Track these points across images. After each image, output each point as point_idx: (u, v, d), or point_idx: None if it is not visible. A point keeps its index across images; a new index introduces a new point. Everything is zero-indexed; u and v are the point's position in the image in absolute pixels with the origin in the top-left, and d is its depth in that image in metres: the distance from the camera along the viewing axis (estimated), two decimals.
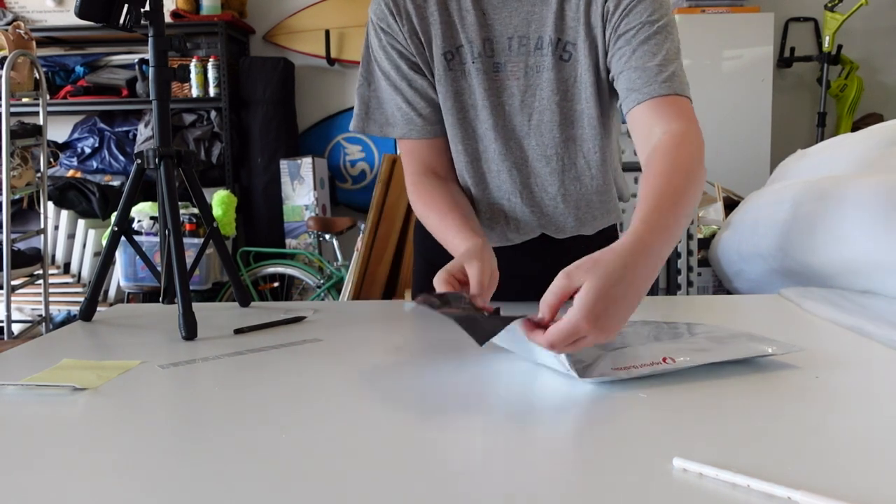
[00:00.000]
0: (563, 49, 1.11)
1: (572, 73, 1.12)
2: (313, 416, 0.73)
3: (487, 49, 1.12)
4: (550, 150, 1.16)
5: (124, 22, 1.14)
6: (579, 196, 1.20)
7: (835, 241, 1.35)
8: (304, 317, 1.17)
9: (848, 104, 3.96)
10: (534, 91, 1.13)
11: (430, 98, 1.17)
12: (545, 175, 1.18)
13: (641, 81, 1.03)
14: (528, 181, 1.19)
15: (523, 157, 1.17)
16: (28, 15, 4.00)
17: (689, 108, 1.05)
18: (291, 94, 4.14)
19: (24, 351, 1.02)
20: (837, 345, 0.98)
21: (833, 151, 1.72)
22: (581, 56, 1.10)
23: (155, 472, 0.60)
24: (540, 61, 1.12)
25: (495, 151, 1.16)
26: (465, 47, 1.13)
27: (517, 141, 1.16)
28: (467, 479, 0.58)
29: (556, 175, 1.17)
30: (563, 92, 1.12)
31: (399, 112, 1.18)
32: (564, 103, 1.13)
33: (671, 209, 0.89)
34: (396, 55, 1.15)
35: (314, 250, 3.82)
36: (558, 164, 1.17)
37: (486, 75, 1.13)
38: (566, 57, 1.11)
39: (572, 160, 1.17)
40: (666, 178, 0.92)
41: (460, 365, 0.89)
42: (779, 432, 0.66)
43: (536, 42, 1.11)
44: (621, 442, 0.64)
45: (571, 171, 1.18)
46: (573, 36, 1.10)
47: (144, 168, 1.17)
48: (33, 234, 3.24)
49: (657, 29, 1.05)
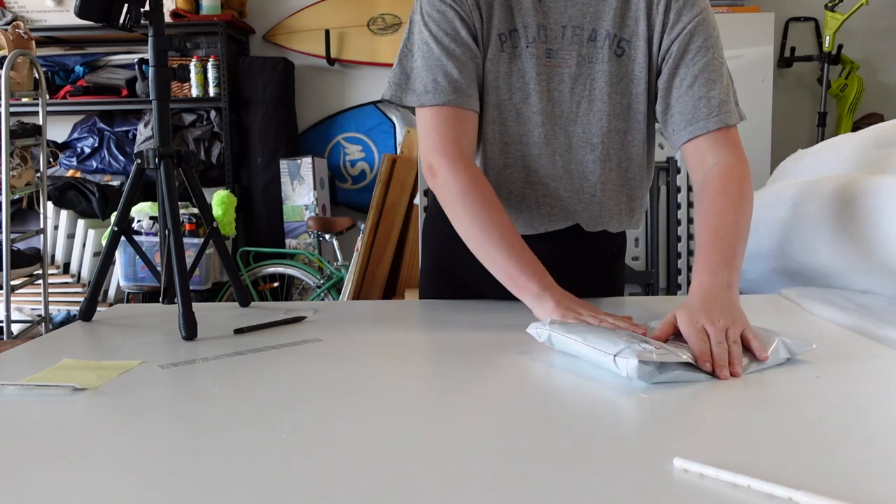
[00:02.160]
0: (618, 44, 1.15)
1: (626, 68, 1.16)
2: (313, 416, 0.73)
3: (542, 35, 1.15)
4: (596, 139, 1.18)
5: (124, 22, 1.14)
6: (620, 186, 1.22)
7: (835, 241, 1.35)
8: (304, 317, 1.17)
9: (848, 104, 3.96)
10: (584, 80, 1.16)
11: (478, 70, 1.17)
12: (588, 162, 1.19)
13: (701, 114, 1.13)
14: (570, 167, 1.19)
15: (567, 143, 1.18)
16: (28, 15, 4.00)
17: (736, 136, 1.17)
18: (291, 94, 4.13)
19: (24, 351, 1.02)
20: (837, 345, 0.98)
21: (833, 151, 1.72)
22: (636, 54, 1.15)
23: (155, 472, 0.60)
24: (594, 53, 1.15)
25: (540, 135, 1.17)
26: (520, 31, 1.15)
27: (563, 127, 1.18)
28: (466, 478, 0.58)
29: (598, 163, 1.19)
30: (615, 84, 1.16)
31: (446, 78, 1.13)
32: (615, 96, 1.16)
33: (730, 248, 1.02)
34: (459, 21, 1.14)
35: (314, 250, 3.82)
36: (603, 153, 1.18)
37: (539, 60, 1.15)
38: (620, 52, 1.15)
39: (616, 150, 1.19)
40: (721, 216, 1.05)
41: (460, 365, 0.89)
42: (779, 432, 0.66)
43: (591, 34, 1.15)
44: (621, 442, 0.64)
45: (614, 160, 1.20)
46: (630, 34, 1.15)
47: (144, 168, 1.17)
48: (33, 234, 3.24)
49: (714, 55, 1.15)
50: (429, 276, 1.40)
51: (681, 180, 1.92)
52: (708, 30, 1.15)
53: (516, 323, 1.06)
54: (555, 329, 0.91)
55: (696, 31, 1.14)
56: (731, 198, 1.07)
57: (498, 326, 1.08)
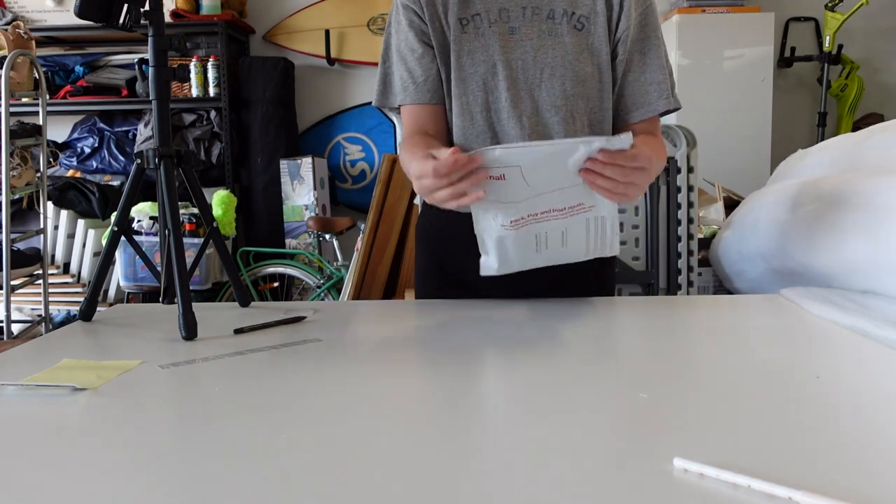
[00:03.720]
0: (577, 20, 1.24)
1: (587, 41, 1.24)
2: (313, 416, 0.73)
3: (503, 16, 1.24)
4: (560, 102, 1.24)
5: (124, 22, 1.14)
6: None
7: (835, 241, 1.35)
8: (304, 317, 1.17)
9: (848, 104, 3.96)
10: (547, 49, 1.24)
11: (429, 66, 1.27)
12: (554, 123, 1.25)
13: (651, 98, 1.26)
14: (537, 128, 1.25)
15: (534, 106, 1.25)
16: (28, 15, 4.00)
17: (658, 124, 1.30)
18: (291, 94, 4.13)
19: (24, 351, 1.02)
20: (837, 345, 0.97)
21: (833, 151, 1.72)
22: (596, 29, 1.24)
23: (155, 472, 0.60)
24: (553, 28, 1.24)
25: (506, 100, 1.24)
26: (482, 14, 1.24)
27: (528, 91, 1.24)
28: (465, 478, 0.58)
29: (563, 124, 1.25)
30: (578, 54, 1.24)
31: (400, 81, 1.29)
32: (578, 64, 1.24)
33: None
34: (407, 25, 1.27)
35: (314, 250, 3.82)
36: (567, 114, 1.25)
37: (502, 36, 1.24)
38: (580, 27, 1.24)
39: (581, 114, 1.26)
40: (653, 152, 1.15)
41: (460, 364, 0.89)
42: (779, 432, 0.66)
43: (549, 13, 1.24)
44: (621, 442, 0.64)
45: (579, 122, 1.26)
46: (588, 11, 1.24)
47: (144, 168, 1.17)
48: (33, 234, 3.24)
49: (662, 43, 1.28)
50: (424, 276, 1.42)
51: (681, 180, 1.92)
52: (657, 20, 1.28)
53: (517, 322, 1.06)
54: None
55: (648, 20, 1.26)
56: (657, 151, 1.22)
57: (498, 326, 1.09)
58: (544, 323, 1.10)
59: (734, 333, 1.06)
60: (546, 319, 1.08)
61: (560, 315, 1.15)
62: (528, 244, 1.10)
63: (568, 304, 1.27)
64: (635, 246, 1.94)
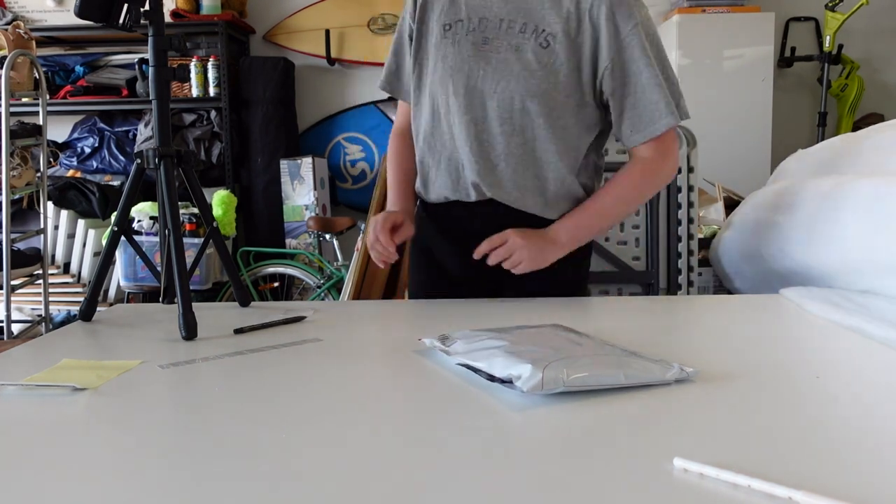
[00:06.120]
0: (544, 38, 1.27)
1: (549, 59, 1.27)
2: (313, 416, 0.73)
3: (482, 25, 1.31)
4: (507, 115, 1.30)
5: (124, 22, 1.14)
6: (525, 163, 1.32)
7: (835, 242, 1.35)
8: (304, 317, 1.17)
9: (849, 104, 3.96)
10: (509, 63, 1.28)
11: (408, 67, 1.42)
12: (496, 134, 1.31)
13: (651, 120, 1.28)
14: (481, 136, 1.32)
15: (483, 115, 1.31)
16: (28, 15, 4.00)
17: (670, 139, 1.32)
18: (291, 94, 4.13)
19: (24, 351, 1.02)
20: (837, 345, 0.97)
21: (833, 151, 1.72)
22: (559, 49, 1.26)
23: (155, 472, 0.60)
24: (521, 42, 1.28)
25: (462, 105, 1.32)
26: (464, 21, 1.32)
27: (481, 100, 1.31)
28: (466, 477, 0.58)
29: (504, 136, 1.31)
30: (536, 71, 1.27)
31: (386, 66, 1.49)
32: (533, 80, 1.27)
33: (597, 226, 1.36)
34: (403, 26, 1.42)
35: (314, 250, 3.82)
36: (510, 127, 1.30)
37: (475, 46, 1.31)
38: (545, 45, 1.27)
39: (528, 129, 1.30)
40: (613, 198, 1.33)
41: (461, 364, 0.89)
42: (779, 432, 0.66)
43: (521, 26, 1.28)
44: (621, 442, 0.64)
45: (521, 137, 1.31)
46: (555, 31, 1.26)
47: (144, 168, 1.17)
48: (33, 233, 3.24)
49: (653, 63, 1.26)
50: (417, 267, 1.52)
51: (681, 180, 1.92)
52: (645, 39, 1.25)
53: (517, 322, 1.06)
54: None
55: (634, 42, 1.25)
56: (627, 187, 1.33)
57: (498, 325, 1.08)
58: (546, 322, 1.10)
59: (734, 333, 1.06)
60: (547, 319, 1.08)
61: (560, 315, 1.15)
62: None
63: (568, 304, 1.27)
64: (635, 246, 1.94)
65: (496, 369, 0.80)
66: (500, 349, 0.84)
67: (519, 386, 0.75)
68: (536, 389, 0.74)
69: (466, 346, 0.89)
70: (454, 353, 0.89)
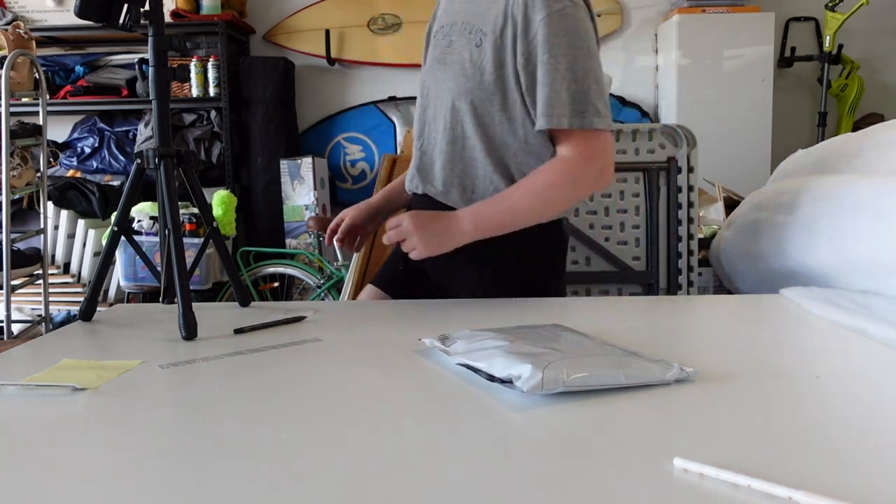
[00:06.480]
0: (477, 37, 1.31)
1: (479, 57, 1.30)
2: (313, 416, 0.73)
3: (452, 30, 1.38)
4: (442, 112, 1.36)
5: (124, 22, 1.14)
6: (454, 160, 1.36)
7: (835, 242, 1.35)
8: (304, 317, 1.17)
9: (849, 104, 3.96)
10: (453, 65, 1.34)
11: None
12: (438, 131, 1.38)
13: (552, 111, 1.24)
14: (431, 135, 1.40)
15: (434, 114, 1.40)
16: (28, 15, 4.00)
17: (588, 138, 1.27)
18: (291, 94, 4.13)
19: (24, 351, 1.02)
20: (837, 345, 0.97)
21: (834, 151, 1.72)
22: (487, 46, 1.29)
23: (155, 472, 0.60)
24: (465, 44, 1.33)
25: (422, 106, 1.42)
26: (446, 27, 1.40)
27: (433, 101, 1.40)
28: (467, 477, 0.58)
29: (440, 133, 1.37)
30: (467, 70, 1.32)
31: None
32: (462, 79, 1.32)
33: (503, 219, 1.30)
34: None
35: (314, 250, 3.82)
36: (444, 124, 1.36)
37: (441, 49, 1.39)
38: (478, 43, 1.31)
39: (458, 126, 1.35)
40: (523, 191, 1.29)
41: (461, 364, 0.89)
42: (779, 432, 0.66)
43: (470, 28, 1.34)
44: (621, 442, 0.64)
45: (451, 134, 1.35)
46: (486, 28, 1.30)
47: (144, 168, 1.17)
48: (33, 233, 3.24)
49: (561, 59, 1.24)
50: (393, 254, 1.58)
51: (681, 180, 1.92)
52: (552, 33, 1.23)
53: (517, 322, 1.06)
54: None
55: (539, 34, 1.23)
56: (540, 183, 1.29)
57: (498, 325, 1.08)
58: (546, 322, 1.10)
59: (734, 333, 1.06)
60: (547, 319, 1.08)
61: (560, 315, 1.15)
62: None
63: (568, 304, 1.27)
64: (635, 246, 1.94)
65: (496, 369, 0.80)
66: (500, 349, 0.84)
67: (519, 386, 0.75)
68: (536, 389, 0.74)
69: (466, 346, 0.89)
70: (454, 353, 0.89)
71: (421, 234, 1.26)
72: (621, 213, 1.94)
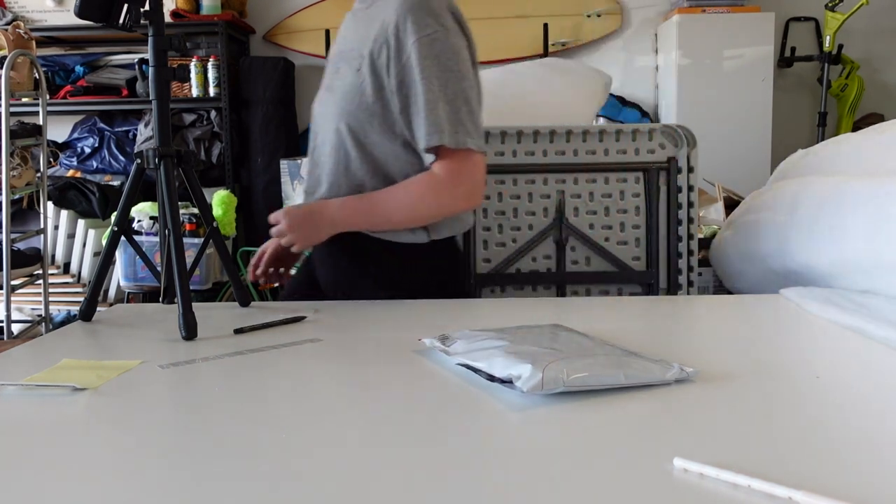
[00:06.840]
0: (358, 61, 1.33)
1: (357, 81, 1.33)
2: (313, 416, 0.73)
3: (339, 56, 1.41)
4: (327, 135, 1.40)
5: (124, 22, 1.14)
6: (340, 178, 1.38)
7: (835, 242, 1.35)
8: (304, 317, 1.17)
9: (849, 104, 3.95)
10: (337, 90, 1.38)
11: None
12: (324, 154, 1.42)
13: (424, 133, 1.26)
14: (319, 158, 1.45)
15: (322, 138, 1.43)
16: (28, 15, 4.00)
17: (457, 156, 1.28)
18: (291, 94, 4.13)
19: (24, 351, 1.02)
20: (837, 345, 0.98)
21: (834, 151, 1.72)
22: (365, 69, 1.31)
23: (155, 472, 0.60)
24: (348, 68, 1.35)
25: (311, 131, 1.48)
26: (336, 55, 1.43)
27: (322, 125, 1.43)
28: (466, 477, 0.58)
29: (326, 155, 1.41)
30: (346, 94, 1.35)
31: None
32: (343, 102, 1.35)
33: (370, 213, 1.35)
34: None
35: None
36: (330, 147, 1.39)
37: (329, 76, 1.43)
38: (357, 67, 1.33)
39: (341, 148, 1.37)
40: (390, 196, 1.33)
41: (461, 364, 0.89)
42: (779, 432, 0.66)
43: (355, 53, 1.35)
44: (621, 442, 0.64)
45: (336, 156, 1.38)
46: (364, 51, 1.32)
47: (144, 168, 1.17)
48: (33, 233, 3.23)
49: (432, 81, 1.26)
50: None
51: (681, 180, 1.92)
52: (426, 58, 1.26)
53: (517, 322, 1.06)
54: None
55: (412, 57, 1.26)
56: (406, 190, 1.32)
57: (498, 325, 1.08)
58: (545, 322, 1.10)
59: (734, 333, 1.06)
60: (547, 319, 1.08)
61: (561, 315, 1.15)
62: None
63: (569, 304, 1.27)
64: (635, 246, 1.94)
65: (496, 369, 0.80)
66: (500, 349, 0.84)
67: (519, 386, 0.75)
68: (536, 389, 0.74)
69: (466, 346, 0.89)
70: (454, 353, 0.89)
71: (296, 232, 1.34)
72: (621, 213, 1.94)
